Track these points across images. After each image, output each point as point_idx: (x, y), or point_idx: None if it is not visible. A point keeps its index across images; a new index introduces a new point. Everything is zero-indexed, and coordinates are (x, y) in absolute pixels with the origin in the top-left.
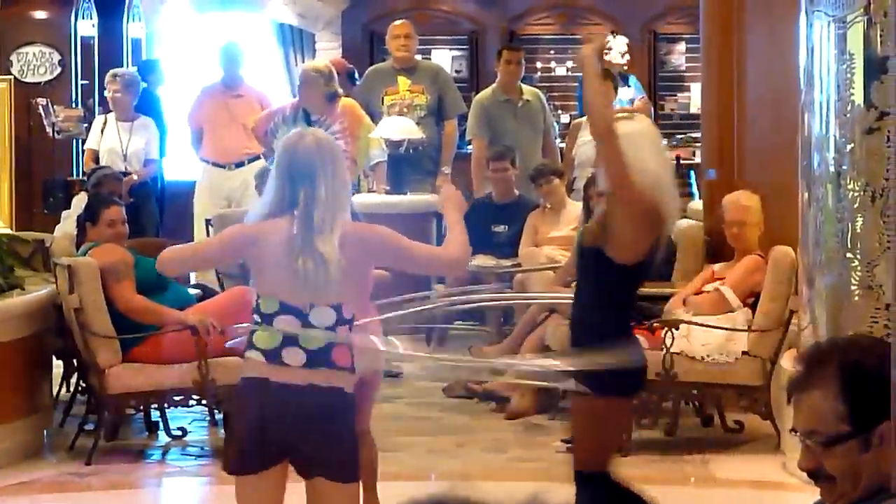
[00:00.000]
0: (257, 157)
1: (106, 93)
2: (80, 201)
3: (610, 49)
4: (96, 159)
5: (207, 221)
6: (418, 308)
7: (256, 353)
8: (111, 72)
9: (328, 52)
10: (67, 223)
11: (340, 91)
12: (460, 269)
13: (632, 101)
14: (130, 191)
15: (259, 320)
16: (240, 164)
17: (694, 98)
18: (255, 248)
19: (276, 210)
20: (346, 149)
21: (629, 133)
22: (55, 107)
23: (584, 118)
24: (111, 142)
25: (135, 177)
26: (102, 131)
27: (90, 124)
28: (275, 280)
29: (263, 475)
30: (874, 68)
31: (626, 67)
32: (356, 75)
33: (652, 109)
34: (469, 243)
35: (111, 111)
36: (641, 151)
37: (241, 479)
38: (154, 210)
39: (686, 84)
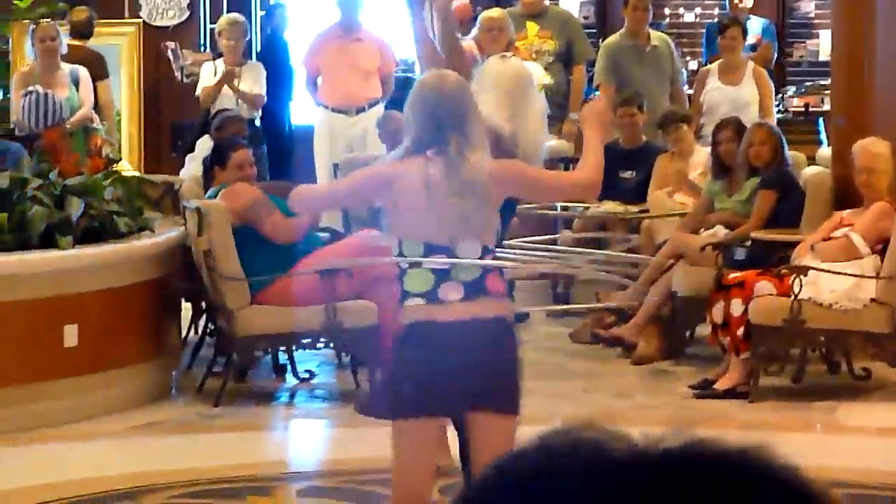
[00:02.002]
0: (377, 103)
1: (219, 39)
2: (203, 144)
3: None
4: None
5: (335, 166)
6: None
7: (414, 299)
8: (224, 18)
9: None
10: (192, 166)
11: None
12: (593, 192)
13: (754, 47)
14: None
15: (405, 265)
16: (360, 110)
17: (823, 45)
18: (390, 189)
19: (417, 149)
20: None
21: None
22: (183, 51)
23: (713, 65)
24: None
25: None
26: (215, 76)
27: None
28: (416, 221)
29: (427, 420)
30: None
31: (748, 9)
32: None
33: (775, 55)
34: (601, 154)
35: (217, 58)
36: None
37: (402, 424)
38: (262, 153)
39: (815, 31)
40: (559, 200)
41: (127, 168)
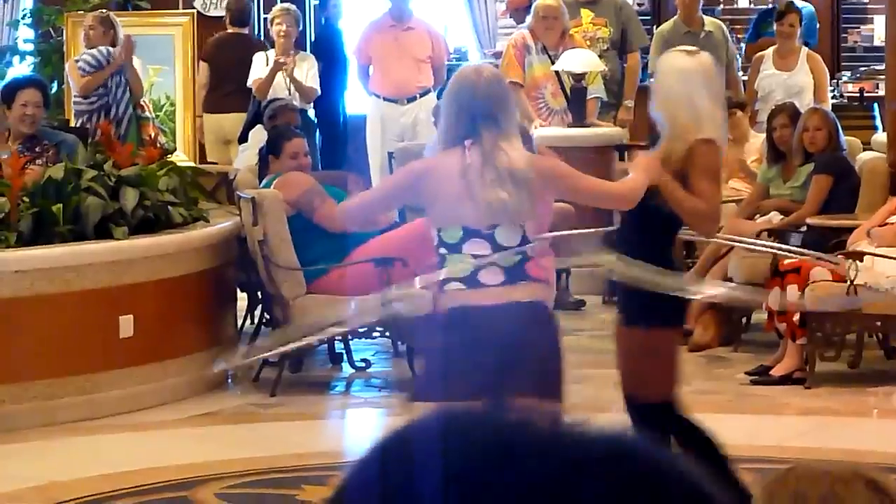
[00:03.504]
0: (428, 91)
1: (272, 27)
2: (256, 134)
3: None
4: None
5: (390, 154)
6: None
7: (454, 283)
8: (278, 7)
9: None
10: (246, 155)
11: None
12: (630, 205)
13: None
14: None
15: (446, 252)
16: (412, 99)
17: (878, 30)
18: (428, 180)
19: (453, 141)
20: None
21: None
22: None
23: (767, 50)
24: (275, 78)
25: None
26: (267, 66)
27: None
28: (454, 208)
29: (469, 404)
30: None
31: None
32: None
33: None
34: (642, 188)
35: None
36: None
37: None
38: (316, 142)
39: (869, 16)
40: (595, 205)
41: (182, 158)
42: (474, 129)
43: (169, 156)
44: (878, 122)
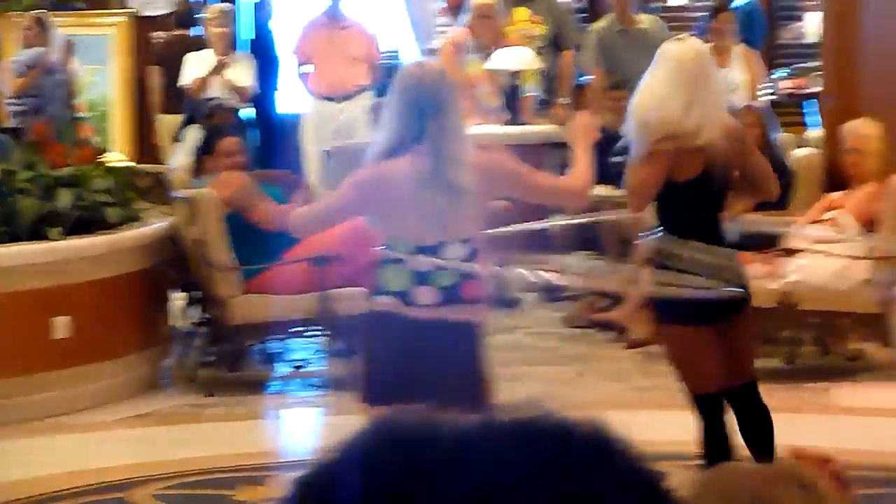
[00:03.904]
0: (364, 90)
1: (206, 28)
2: (191, 134)
3: None
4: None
5: (326, 153)
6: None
7: (385, 297)
8: (214, 7)
9: None
10: (181, 155)
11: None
12: (581, 200)
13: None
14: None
15: (389, 263)
16: (348, 97)
17: (809, 27)
18: (379, 192)
19: (401, 145)
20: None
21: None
22: None
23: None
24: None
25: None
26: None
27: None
28: (405, 221)
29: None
30: None
31: None
32: None
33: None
34: (591, 166)
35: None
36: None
37: (373, 411)
38: (251, 141)
39: (800, 13)
40: (547, 203)
41: (119, 158)
42: (422, 129)
43: (104, 156)
44: (811, 119)
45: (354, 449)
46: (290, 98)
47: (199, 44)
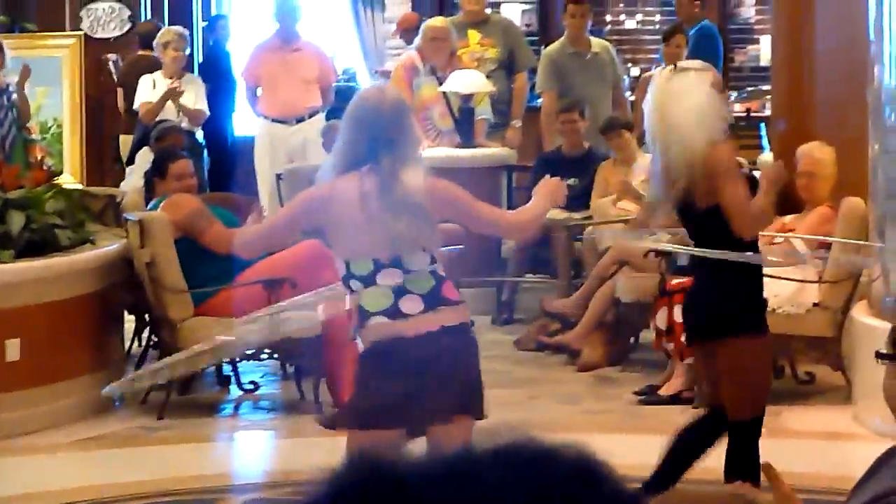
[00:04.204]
0: (317, 112)
1: (160, 50)
2: (143, 156)
3: None
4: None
5: (278, 176)
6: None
7: (377, 318)
8: (167, 29)
9: (398, 6)
10: (133, 178)
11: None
12: (523, 236)
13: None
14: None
15: (360, 285)
16: (300, 120)
17: (764, 51)
18: (327, 210)
19: (351, 165)
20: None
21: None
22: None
23: (657, 70)
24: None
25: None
26: (154, 90)
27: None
28: (359, 239)
29: (390, 433)
30: None
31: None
32: None
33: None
34: (542, 217)
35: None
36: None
37: (367, 436)
38: (203, 163)
39: (756, 36)
40: (490, 233)
41: (69, 180)
42: (375, 154)
43: (56, 178)
44: (765, 143)
45: (339, 486)
46: (244, 120)
47: (161, 65)
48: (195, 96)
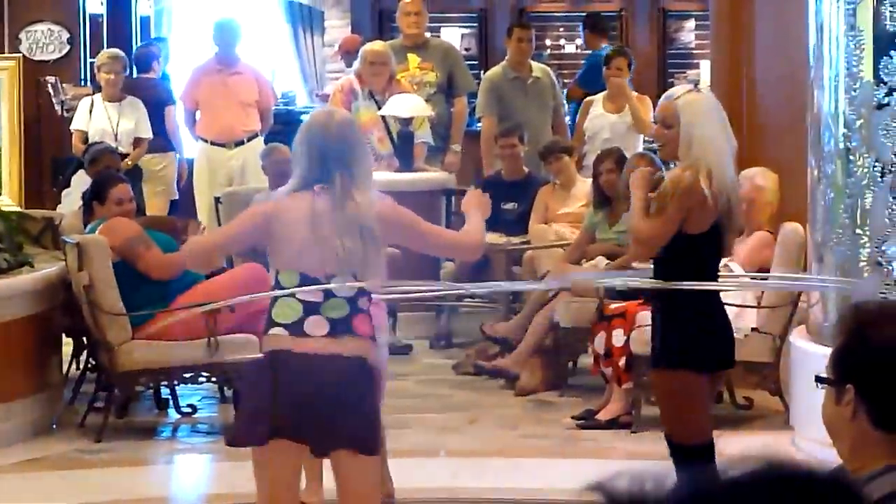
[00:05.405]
0: (256, 136)
1: (99, 73)
2: (79, 180)
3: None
4: (85, 140)
5: (217, 199)
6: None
7: (278, 329)
8: (105, 52)
9: (337, 29)
10: (70, 200)
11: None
12: (474, 256)
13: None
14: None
15: (279, 295)
16: (239, 143)
17: (703, 75)
18: (275, 224)
19: (305, 184)
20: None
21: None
22: (64, 85)
23: (597, 96)
24: (101, 123)
25: (129, 162)
26: (90, 113)
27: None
28: (295, 253)
29: (279, 444)
30: (883, 43)
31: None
32: None
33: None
34: (483, 230)
35: (97, 92)
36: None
37: (257, 451)
38: (139, 188)
39: (695, 61)
40: (438, 255)
41: (8, 203)
42: (328, 174)
43: None
44: None
45: None
46: (184, 143)
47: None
48: (137, 121)
